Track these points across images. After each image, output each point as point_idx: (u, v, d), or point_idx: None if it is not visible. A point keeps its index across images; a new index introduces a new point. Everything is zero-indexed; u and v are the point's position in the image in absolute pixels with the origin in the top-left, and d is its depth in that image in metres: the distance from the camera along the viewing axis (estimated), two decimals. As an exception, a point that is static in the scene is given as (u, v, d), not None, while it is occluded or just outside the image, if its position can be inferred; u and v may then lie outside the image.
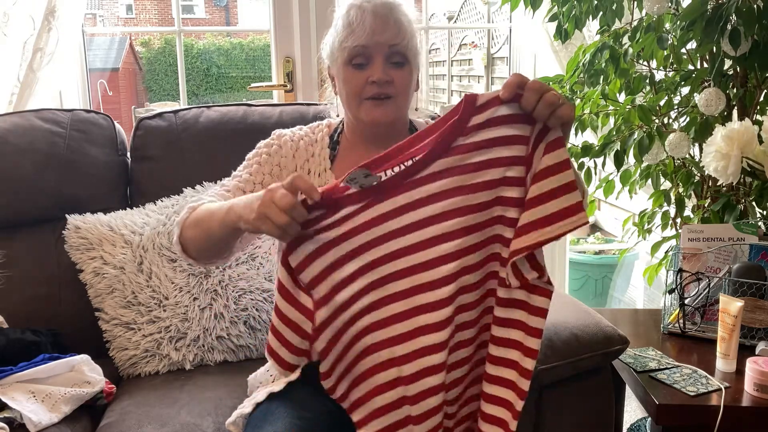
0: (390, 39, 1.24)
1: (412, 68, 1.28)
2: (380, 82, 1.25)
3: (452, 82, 7.73)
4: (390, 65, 1.26)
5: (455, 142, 0.99)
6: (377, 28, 1.24)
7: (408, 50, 1.26)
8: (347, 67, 1.27)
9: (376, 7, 1.25)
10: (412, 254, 1.00)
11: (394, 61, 1.26)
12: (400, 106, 1.30)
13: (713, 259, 1.63)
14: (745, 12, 1.51)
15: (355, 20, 1.24)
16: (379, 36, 1.24)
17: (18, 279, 1.70)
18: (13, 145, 1.74)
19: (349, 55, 1.26)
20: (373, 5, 1.25)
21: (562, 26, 1.89)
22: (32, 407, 1.36)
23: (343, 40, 1.26)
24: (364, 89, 1.26)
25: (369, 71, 1.25)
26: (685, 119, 1.77)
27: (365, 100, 1.27)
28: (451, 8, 7.43)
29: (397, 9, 1.27)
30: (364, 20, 1.24)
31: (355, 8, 1.25)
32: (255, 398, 1.28)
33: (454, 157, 0.99)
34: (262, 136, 1.41)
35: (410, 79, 1.29)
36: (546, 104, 0.96)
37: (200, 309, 1.64)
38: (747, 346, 1.53)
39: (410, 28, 1.28)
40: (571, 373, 1.38)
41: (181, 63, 2.49)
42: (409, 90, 1.30)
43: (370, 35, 1.23)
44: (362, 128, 1.34)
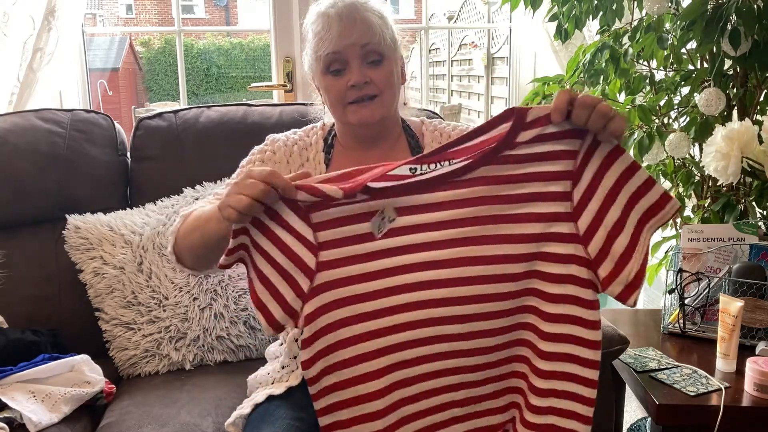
0: (360, 39, 1.22)
1: (392, 63, 1.27)
2: (359, 85, 1.23)
3: (452, 82, 7.73)
4: (367, 65, 1.24)
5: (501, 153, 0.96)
6: (344, 32, 1.22)
7: (382, 46, 1.24)
8: (326, 75, 1.26)
9: (340, 10, 1.23)
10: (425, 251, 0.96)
11: (371, 61, 1.24)
12: (386, 102, 1.27)
13: (713, 259, 1.63)
14: (745, 12, 1.51)
15: (322, 29, 1.23)
16: (348, 38, 1.22)
17: (18, 279, 1.70)
18: (13, 145, 1.74)
19: (325, 64, 1.25)
20: (336, 9, 1.23)
21: (562, 26, 1.89)
22: (32, 407, 1.36)
23: (316, 49, 1.25)
24: (345, 94, 1.25)
25: (347, 76, 1.24)
26: (685, 119, 1.77)
27: (349, 104, 1.26)
28: (451, 8, 7.43)
29: (363, 7, 1.25)
30: (330, 26, 1.22)
31: (321, 16, 1.24)
32: (254, 399, 1.28)
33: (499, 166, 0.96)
34: (262, 135, 1.41)
35: (391, 74, 1.26)
36: (599, 115, 0.91)
37: (200, 309, 1.64)
38: (747, 346, 1.53)
39: (380, 22, 1.25)
40: (571, 373, 1.38)
41: (181, 63, 2.49)
42: (393, 85, 1.28)
43: (339, 40, 1.22)
44: (353, 132, 1.33)
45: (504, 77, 4.94)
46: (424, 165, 0.96)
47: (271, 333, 0.99)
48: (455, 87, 7.63)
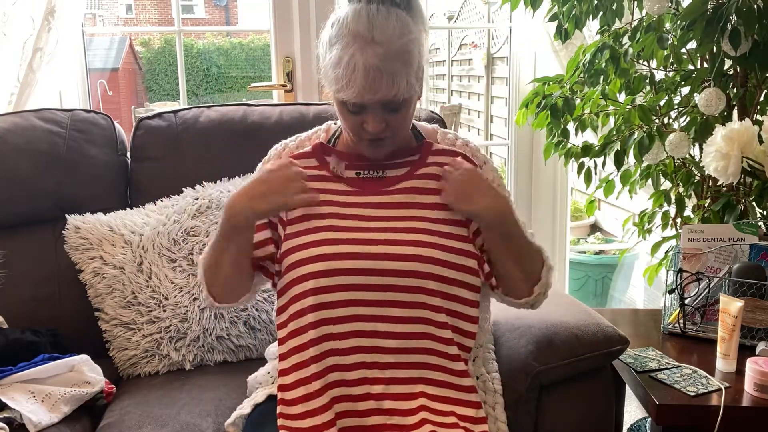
0: (383, 97, 1.12)
1: (410, 102, 1.19)
2: (376, 132, 1.17)
3: (452, 82, 7.73)
4: (386, 112, 1.16)
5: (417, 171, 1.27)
6: (368, 89, 1.11)
7: (406, 94, 1.14)
8: (342, 105, 1.18)
9: (369, 60, 1.09)
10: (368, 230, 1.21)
11: (390, 108, 1.16)
12: (399, 139, 1.23)
13: (713, 259, 1.63)
14: (745, 12, 1.51)
15: (344, 75, 1.11)
16: (371, 95, 1.12)
17: (18, 279, 1.70)
18: (12, 145, 1.74)
19: (342, 101, 1.16)
20: (366, 59, 1.09)
21: (562, 26, 1.88)
22: (32, 407, 1.36)
23: (332, 84, 1.15)
24: (359, 132, 1.19)
25: (363, 117, 1.16)
26: (685, 119, 1.77)
27: (363, 140, 1.21)
28: (451, 8, 7.43)
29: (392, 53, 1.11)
30: (355, 79, 1.10)
31: (347, 57, 1.10)
32: (254, 399, 1.28)
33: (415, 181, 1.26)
34: (262, 135, 1.41)
35: (408, 115, 1.21)
36: None
37: (200, 309, 1.64)
38: (747, 346, 1.53)
39: (407, 69, 1.13)
40: (571, 373, 1.38)
41: (181, 63, 2.49)
42: (407, 123, 1.23)
43: (361, 95, 1.12)
44: None
45: (504, 77, 4.94)
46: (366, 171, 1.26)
47: None
48: (455, 87, 7.63)
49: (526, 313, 1.45)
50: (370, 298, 1.17)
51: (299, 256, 1.19)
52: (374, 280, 1.17)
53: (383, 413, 1.16)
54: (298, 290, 1.19)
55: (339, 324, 1.17)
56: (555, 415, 1.39)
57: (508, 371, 1.37)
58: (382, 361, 1.17)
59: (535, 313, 1.45)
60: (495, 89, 5.94)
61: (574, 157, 1.91)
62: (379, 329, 1.17)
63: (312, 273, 1.17)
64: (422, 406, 1.17)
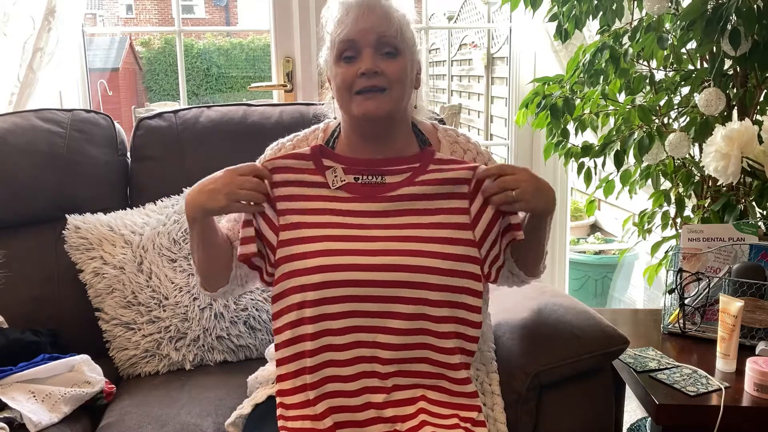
0: (376, 27, 1.20)
1: (406, 60, 1.23)
2: (369, 73, 1.19)
3: (452, 82, 7.73)
4: (380, 56, 1.21)
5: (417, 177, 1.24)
6: (361, 17, 1.20)
7: (399, 41, 1.22)
8: (338, 63, 1.23)
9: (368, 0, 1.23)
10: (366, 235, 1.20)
11: (385, 52, 1.21)
12: (395, 98, 1.23)
13: (713, 259, 1.63)
14: (745, 12, 1.51)
15: (342, 14, 1.22)
16: (363, 24, 1.20)
17: (18, 279, 1.70)
18: (13, 145, 1.74)
19: (339, 51, 1.22)
20: None
21: (562, 26, 1.88)
22: (32, 407, 1.36)
23: (332, 36, 1.23)
24: (354, 82, 1.21)
25: (358, 63, 1.21)
26: (685, 119, 1.77)
27: (356, 94, 1.22)
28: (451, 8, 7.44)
29: (389, 2, 1.24)
30: (349, 12, 1.21)
31: (342, 4, 1.24)
32: (254, 399, 1.28)
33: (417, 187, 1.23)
34: (262, 135, 1.41)
35: (404, 70, 1.23)
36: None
37: (200, 309, 1.64)
38: (747, 346, 1.53)
39: (401, 19, 1.23)
40: (571, 373, 1.38)
41: (181, 63, 2.49)
42: (405, 82, 1.24)
43: (354, 25, 1.20)
44: (358, 127, 1.28)
45: (504, 77, 4.94)
46: (364, 176, 1.23)
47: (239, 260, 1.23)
48: (455, 87, 7.63)
49: (526, 313, 1.46)
50: (371, 310, 1.16)
51: (296, 266, 1.18)
52: (375, 292, 1.16)
53: (385, 421, 1.17)
54: (296, 299, 1.18)
55: (339, 335, 1.17)
56: (555, 415, 1.39)
57: (508, 371, 1.37)
58: (383, 372, 1.18)
59: (535, 313, 1.45)
60: (495, 89, 5.94)
61: (574, 157, 1.91)
62: (380, 340, 1.17)
63: (311, 285, 1.16)
64: (422, 409, 1.17)
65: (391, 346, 1.17)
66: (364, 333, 1.17)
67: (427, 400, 1.19)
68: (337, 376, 1.17)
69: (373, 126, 1.26)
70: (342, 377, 1.17)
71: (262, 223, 1.23)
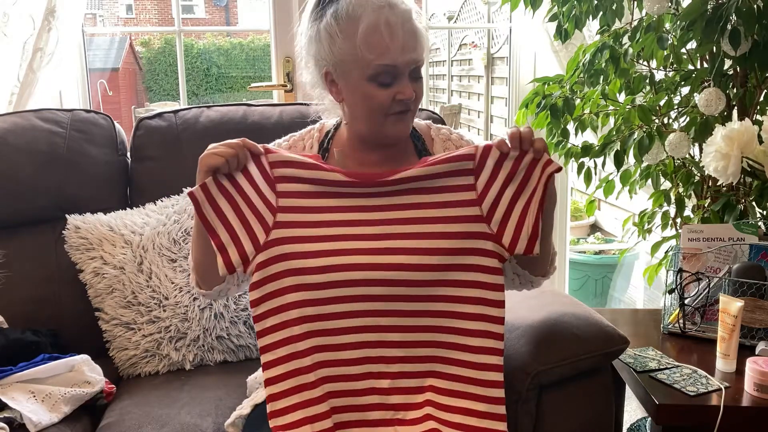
0: (418, 55, 1.20)
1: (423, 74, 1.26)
2: (410, 100, 1.21)
3: (452, 82, 7.73)
4: (412, 80, 1.21)
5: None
6: (407, 46, 1.18)
7: (425, 60, 1.23)
8: (370, 83, 1.19)
9: (397, 19, 1.17)
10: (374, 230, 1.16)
11: (415, 76, 1.22)
12: (416, 113, 1.28)
13: (713, 259, 1.63)
14: (745, 12, 1.51)
15: (384, 36, 1.16)
16: (410, 54, 1.18)
17: (18, 279, 1.70)
18: (13, 145, 1.74)
19: (375, 72, 1.18)
20: (398, 19, 1.17)
21: (562, 26, 1.88)
22: (32, 407, 1.36)
23: (365, 53, 1.17)
24: (390, 106, 1.21)
25: (395, 89, 1.19)
26: (685, 119, 1.77)
27: (390, 115, 1.22)
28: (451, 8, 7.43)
29: (416, 17, 1.21)
30: (393, 37, 1.16)
31: (382, 23, 1.16)
32: (254, 399, 1.28)
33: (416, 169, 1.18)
34: (262, 135, 1.40)
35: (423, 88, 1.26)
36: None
37: (200, 309, 1.64)
38: (747, 346, 1.53)
39: (425, 34, 1.23)
40: (571, 373, 1.38)
41: (181, 63, 2.49)
42: None
43: (401, 53, 1.17)
44: (377, 140, 1.28)
45: (504, 77, 4.94)
46: None
47: (224, 273, 1.15)
48: (455, 87, 7.62)
49: (527, 313, 1.45)
50: (377, 293, 1.14)
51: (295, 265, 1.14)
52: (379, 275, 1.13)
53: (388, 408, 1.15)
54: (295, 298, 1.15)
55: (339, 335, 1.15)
56: (555, 415, 1.39)
57: (508, 371, 1.36)
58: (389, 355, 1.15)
59: (535, 313, 1.45)
60: (495, 89, 5.94)
61: (574, 157, 1.91)
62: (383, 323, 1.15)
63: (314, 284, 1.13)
64: (428, 400, 1.15)
65: (398, 328, 1.15)
66: (370, 317, 1.14)
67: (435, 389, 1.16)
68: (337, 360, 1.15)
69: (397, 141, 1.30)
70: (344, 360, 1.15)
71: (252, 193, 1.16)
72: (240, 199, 1.15)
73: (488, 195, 1.16)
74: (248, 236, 1.15)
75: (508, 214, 1.16)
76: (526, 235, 1.15)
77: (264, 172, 1.17)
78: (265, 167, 1.17)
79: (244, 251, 1.15)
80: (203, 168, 1.13)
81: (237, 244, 1.15)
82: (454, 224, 1.16)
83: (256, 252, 1.15)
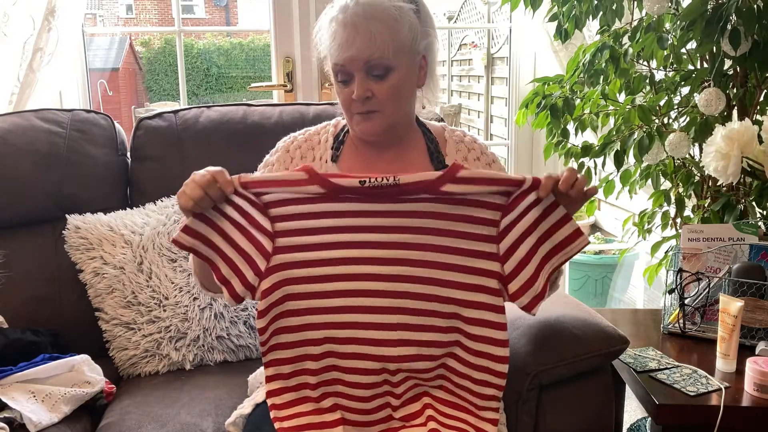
0: (362, 53, 1.18)
1: (399, 73, 1.22)
2: (360, 100, 1.21)
3: (452, 82, 7.73)
4: (371, 78, 1.21)
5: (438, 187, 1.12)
6: (346, 44, 1.18)
7: (387, 59, 1.19)
8: (337, 82, 1.25)
9: (348, 18, 1.18)
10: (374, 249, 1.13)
11: (375, 74, 1.20)
12: (389, 115, 1.25)
13: (713, 259, 1.63)
14: (745, 12, 1.51)
15: (332, 36, 1.20)
16: (349, 52, 1.18)
17: (18, 279, 1.70)
18: (13, 145, 1.74)
19: (334, 72, 1.24)
20: (346, 16, 1.18)
21: (562, 26, 1.88)
22: (32, 407, 1.36)
23: (331, 55, 1.23)
24: (351, 105, 1.23)
25: (351, 86, 1.22)
26: (685, 119, 1.77)
27: (354, 114, 1.25)
28: (451, 8, 7.43)
29: (372, 11, 1.18)
30: (335, 36, 1.20)
31: (334, 21, 1.20)
32: (254, 399, 1.28)
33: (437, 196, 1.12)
34: (262, 135, 1.41)
35: (396, 88, 1.22)
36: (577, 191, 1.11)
37: (200, 309, 1.64)
38: (747, 346, 1.53)
39: (390, 29, 1.18)
40: (571, 373, 1.38)
41: (181, 63, 2.49)
42: (399, 97, 1.24)
43: (340, 52, 1.19)
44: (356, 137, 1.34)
45: (504, 77, 4.94)
46: (372, 179, 1.10)
47: (233, 304, 1.15)
48: (455, 87, 7.62)
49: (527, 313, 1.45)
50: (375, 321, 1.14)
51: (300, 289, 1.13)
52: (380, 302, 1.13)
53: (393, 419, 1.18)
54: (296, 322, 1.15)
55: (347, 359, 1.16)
56: (555, 415, 1.39)
57: (508, 371, 1.36)
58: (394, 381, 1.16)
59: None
60: (495, 89, 5.94)
61: (574, 157, 1.91)
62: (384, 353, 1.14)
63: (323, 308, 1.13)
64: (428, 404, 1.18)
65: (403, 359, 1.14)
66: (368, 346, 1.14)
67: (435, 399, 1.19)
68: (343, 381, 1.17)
69: (372, 140, 1.31)
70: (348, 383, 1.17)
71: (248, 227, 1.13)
72: (232, 228, 1.12)
73: (509, 235, 1.12)
74: (248, 265, 1.13)
75: (524, 263, 1.12)
76: (533, 292, 1.13)
77: (250, 200, 1.13)
78: (248, 196, 1.13)
79: (247, 281, 1.13)
80: (180, 208, 1.12)
81: (239, 275, 1.13)
82: (469, 258, 1.13)
83: (260, 279, 1.14)
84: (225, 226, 1.12)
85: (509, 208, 1.12)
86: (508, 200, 1.12)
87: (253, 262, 1.13)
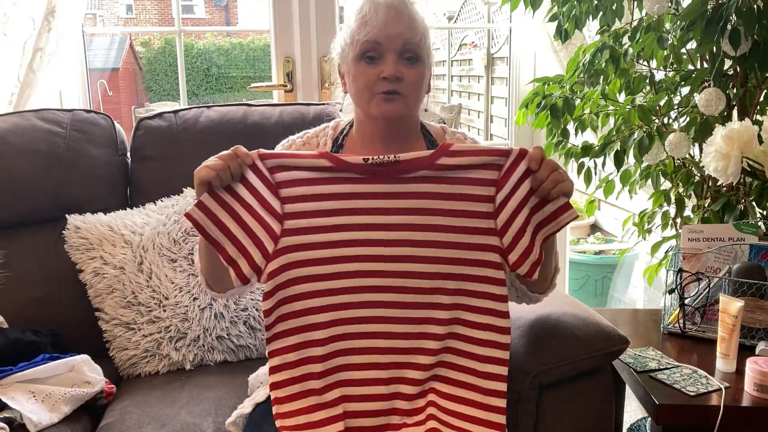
0: (403, 34, 1.22)
1: (425, 67, 1.26)
2: (391, 78, 1.22)
3: (452, 82, 7.73)
4: (402, 62, 1.23)
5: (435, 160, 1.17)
6: (390, 22, 1.21)
7: (421, 48, 1.24)
8: (359, 62, 1.24)
9: (390, 1, 1.23)
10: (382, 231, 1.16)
11: (407, 57, 1.23)
12: (410, 104, 1.27)
13: (713, 259, 1.63)
14: (745, 12, 1.51)
15: (368, 13, 1.22)
16: (392, 30, 1.22)
17: (18, 279, 1.70)
18: (13, 145, 1.74)
19: (361, 50, 1.23)
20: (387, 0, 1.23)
21: (562, 26, 1.88)
22: (32, 407, 1.36)
23: (355, 33, 1.23)
24: (375, 84, 1.23)
25: (381, 66, 1.22)
26: (685, 119, 1.77)
27: (376, 95, 1.24)
28: (451, 8, 7.42)
29: (411, 5, 1.25)
30: (377, 13, 1.22)
31: (369, 2, 1.23)
32: (255, 398, 1.28)
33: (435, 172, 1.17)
34: (262, 135, 1.41)
35: (422, 77, 1.26)
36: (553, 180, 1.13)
37: (200, 309, 1.64)
38: (747, 346, 1.53)
39: (423, 26, 1.25)
40: (571, 373, 1.38)
41: (181, 63, 2.49)
42: (420, 89, 1.27)
43: (383, 29, 1.21)
44: (373, 125, 1.31)
45: (504, 77, 4.94)
46: (375, 157, 1.15)
47: (239, 285, 1.15)
48: (455, 87, 7.62)
49: (527, 313, 1.45)
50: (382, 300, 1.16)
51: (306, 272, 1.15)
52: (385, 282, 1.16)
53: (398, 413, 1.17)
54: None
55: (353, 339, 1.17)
56: (555, 414, 1.39)
57: (508, 371, 1.36)
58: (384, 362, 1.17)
59: (535, 313, 1.45)
60: (495, 89, 5.94)
61: (574, 157, 1.91)
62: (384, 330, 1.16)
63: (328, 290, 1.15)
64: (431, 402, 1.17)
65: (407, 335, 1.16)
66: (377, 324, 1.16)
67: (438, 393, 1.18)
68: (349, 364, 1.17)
69: (387, 125, 1.30)
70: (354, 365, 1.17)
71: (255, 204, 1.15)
72: (243, 210, 1.14)
73: (504, 210, 1.16)
74: (256, 247, 1.14)
75: (520, 234, 1.16)
76: (531, 260, 1.16)
77: (264, 179, 1.16)
78: (264, 174, 1.16)
79: (254, 262, 1.14)
80: (196, 182, 1.14)
81: (246, 257, 1.14)
82: (468, 235, 1.16)
83: (267, 261, 1.15)
84: (236, 207, 1.14)
85: (502, 182, 1.16)
86: (500, 174, 1.17)
87: (261, 244, 1.14)
